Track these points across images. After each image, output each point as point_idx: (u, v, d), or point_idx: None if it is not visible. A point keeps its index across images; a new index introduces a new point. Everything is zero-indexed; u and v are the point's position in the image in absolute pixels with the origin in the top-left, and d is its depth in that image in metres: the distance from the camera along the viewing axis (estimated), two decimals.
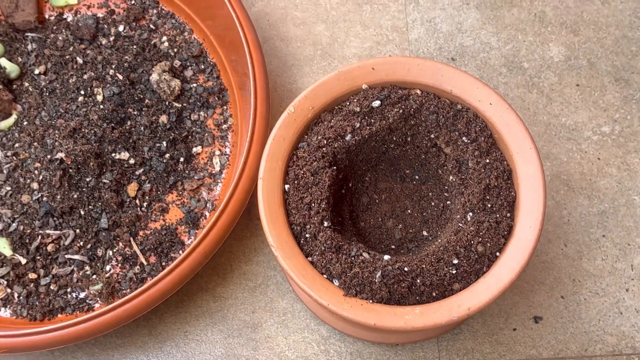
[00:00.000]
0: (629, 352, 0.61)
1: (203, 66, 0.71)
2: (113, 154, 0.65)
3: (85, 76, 0.69)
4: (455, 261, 0.52)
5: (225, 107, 0.69)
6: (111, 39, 0.71)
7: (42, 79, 0.70)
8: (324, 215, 0.54)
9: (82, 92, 0.68)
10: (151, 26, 0.72)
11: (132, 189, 0.65)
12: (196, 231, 0.64)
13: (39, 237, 0.63)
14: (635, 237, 0.64)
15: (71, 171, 0.64)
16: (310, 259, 0.53)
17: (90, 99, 0.67)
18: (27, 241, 0.63)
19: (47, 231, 0.63)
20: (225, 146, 0.68)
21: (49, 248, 0.63)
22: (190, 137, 0.68)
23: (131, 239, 0.63)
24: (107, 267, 0.63)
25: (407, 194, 0.60)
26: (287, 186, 0.56)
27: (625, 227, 0.65)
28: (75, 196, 0.63)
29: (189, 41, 0.72)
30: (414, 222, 0.59)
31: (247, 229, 0.65)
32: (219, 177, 0.66)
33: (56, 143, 0.65)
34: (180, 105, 0.68)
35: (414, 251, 0.57)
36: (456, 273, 0.52)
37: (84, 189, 0.64)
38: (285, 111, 0.57)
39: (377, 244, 0.59)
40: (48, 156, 0.65)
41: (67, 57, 0.70)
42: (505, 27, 0.74)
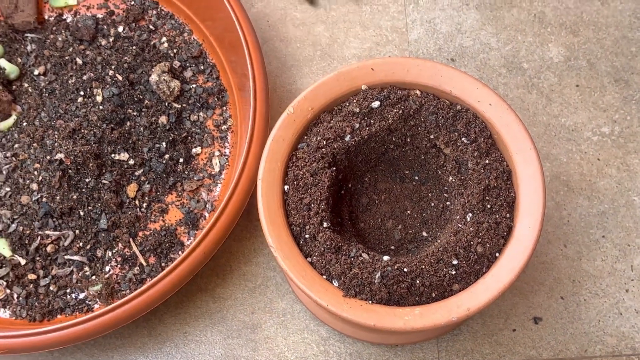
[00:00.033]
0: (629, 353, 0.61)
1: (202, 67, 0.71)
2: (112, 155, 0.65)
3: (84, 77, 0.69)
4: (454, 262, 0.52)
5: (224, 108, 0.69)
6: (111, 40, 0.71)
7: (42, 80, 0.70)
8: (324, 216, 0.54)
9: (82, 93, 0.68)
10: (151, 27, 0.72)
11: (132, 190, 0.65)
12: (196, 232, 0.64)
13: (39, 238, 0.63)
14: (635, 238, 0.64)
15: (71, 172, 0.64)
16: (309, 260, 0.53)
17: (89, 100, 0.67)
18: (27, 242, 0.63)
19: (47, 232, 0.63)
20: (224, 147, 0.68)
21: (49, 249, 0.63)
22: (189, 138, 0.68)
23: (131, 240, 0.63)
24: (107, 268, 0.63)
25: (407, 195, 0.60)
26: (287, 187, 0.56)
27: (625, 228, 0.65)
28: (74, 197, 0.63)
29: (189, 42, 0.72)
30: (414, 223, 0.59)
31: (247, 230, 0.65)
32: (219, 178, 0.66)
33: (56, 144, 0.65)
34: (179, 106, 0.68)
35: (414, 252, 0.57)
36: (456, 274, 0.52)
37: (84, 190, 0.64)
38: (284, 112, 0.57)
39: (377, 245, 0.59)
40: (47, 157, 0.65)
41: (67, 58, 0.70)
42: (504, 28, 0.74)
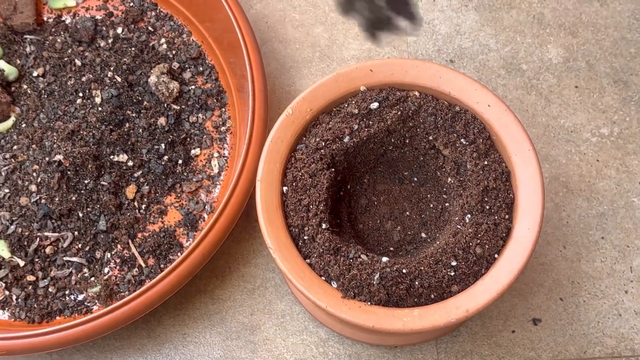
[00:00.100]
0: (628, 354, 0.60)
1: (201, 68, 0.71)
2: (111, 156, 0.65)
3: (83, 78, 0.69)
4: (453, 263, 0.52)
5: (223, 109, 0.69)
6: (109, 41, 0.71)
7: (41, 81, 0.70)
8: (322, 217, 0.54)
9: (81, 94, 0.68)
10: (149, 28, 0.72)
11: (131, 191, 0.65)
12: (194, 233, 0.64)
13: (37, 240, 0.63)
14: (634, 239, 0.64)
15: (69, 173, 0.64)
16: (308, 261, 0.53)
17: (88, 101, 0.67)
18: (26, 243, 0.63)
19: (46, 233, 0.63)
20: (223, 148, 0.68)
21: (47, 250, 0.63)
22: (188, 139, 0.68)
23: (129, 241, 0.63)
24: (106, 270, 0.63)
25: (406, 196, 0.60)
26: (285, 188, 0.56)
27: (624, 229, 0.65)
28: (73, 198, 0.63)
29: (188, 43, 0.72)
30: (413, 224, 0.59)
31: (246, 231, 0.65)
32: (218, 179, 0.66)
33: (54, 145, 0.65)
34: (178, 107, 0.68)
35: (413, 253, 0.57)
36: (454, 275, 0.52)
37: (82, 191, 0.64)
38: (283, 113, 0.57)
39: (376, 246, 0.59)
40: (46, 158, 0.65)
41: (66, 60, 0.70)
42: (503, 29, 0.74)
